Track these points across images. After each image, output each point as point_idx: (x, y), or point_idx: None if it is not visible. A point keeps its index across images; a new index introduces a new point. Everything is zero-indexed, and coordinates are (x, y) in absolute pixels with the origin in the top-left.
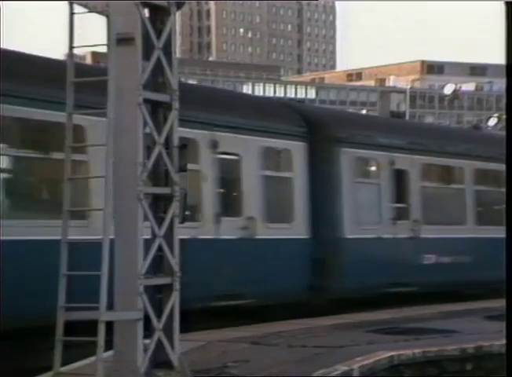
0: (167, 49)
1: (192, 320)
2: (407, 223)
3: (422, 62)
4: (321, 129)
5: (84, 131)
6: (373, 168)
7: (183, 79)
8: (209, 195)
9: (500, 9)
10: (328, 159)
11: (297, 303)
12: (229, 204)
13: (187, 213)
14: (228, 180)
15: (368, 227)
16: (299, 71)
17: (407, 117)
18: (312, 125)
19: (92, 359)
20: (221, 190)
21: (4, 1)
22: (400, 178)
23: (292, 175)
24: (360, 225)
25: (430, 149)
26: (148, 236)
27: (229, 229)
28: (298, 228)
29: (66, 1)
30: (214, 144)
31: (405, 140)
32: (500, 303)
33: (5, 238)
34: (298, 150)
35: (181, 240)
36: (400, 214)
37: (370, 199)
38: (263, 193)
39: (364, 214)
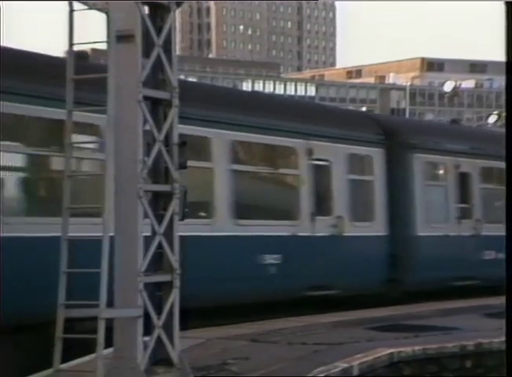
0: (167, 46)
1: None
2: (470, 222)
3: (422, 59)
4: (396, 137)
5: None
6: (441, 172)
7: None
8: (306, 196)
9: (500, 8)
10: (402, 163)
11: (376, 294)
12: (322, 205)
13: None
14: (321, 183)
15: (437, 225)
16: (299, 68)
17: (407, 114)
18: (388, 133)
19: (92, 356)
20: (316, 192)
21: (4, 1)
22: (463, 181)
23: (372, 178)
24: (429, 224)
25: (489, 153)
26: (148, 233)
27: (322, 227)
28: (377, 227)
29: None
30: (310, 152)
31: (468, 146)
32: (500, 300)
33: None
34: (377, 156)
35: (282, 237)
36: (464, 214)
37: (438, 200)
38: (349, 195)
39: (433, 214)
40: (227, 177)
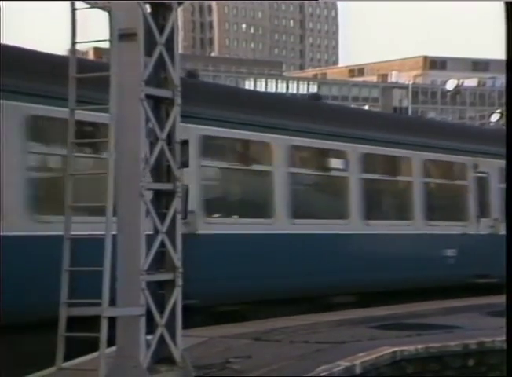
0: (169, 44)
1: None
2: None
3: (425, 57)
4: None
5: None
6: None
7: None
8: (472, 202)
9: (500, 8)
10: None
11: None
12: (483, 208)
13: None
14: (482, 191)
15: None
16: (301, 67)
17: (409, 113)
18: None
19: (94, 354)
20: (479, 198)
21: (4, 1)
22: None
23: None
24: None
25: None
26: (151, 232)
27: (484, 227)
28: None
29: None
30: (475, 166)
31: None
32: (502, 299)
33: None
34: None
35: (457, 235)
36: None
37: None
38: (501, 200)
39: None
40: (421, 188)
